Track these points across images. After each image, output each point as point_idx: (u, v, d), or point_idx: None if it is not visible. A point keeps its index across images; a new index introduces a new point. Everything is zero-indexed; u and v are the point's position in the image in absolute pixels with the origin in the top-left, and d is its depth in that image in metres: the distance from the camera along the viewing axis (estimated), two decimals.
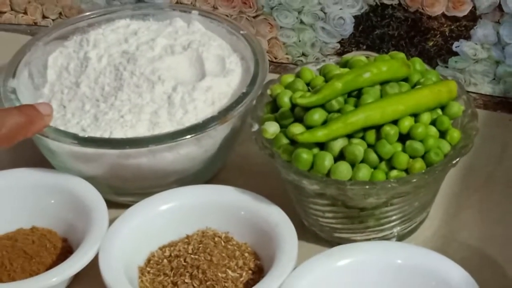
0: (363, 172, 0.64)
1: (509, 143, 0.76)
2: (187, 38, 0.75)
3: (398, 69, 0.67)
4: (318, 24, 0.81)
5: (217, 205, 0.69)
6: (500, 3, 0.75)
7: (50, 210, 0.71)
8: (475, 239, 0.69)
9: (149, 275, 0.66)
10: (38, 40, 0.76)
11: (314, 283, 0.63)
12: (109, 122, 0.69)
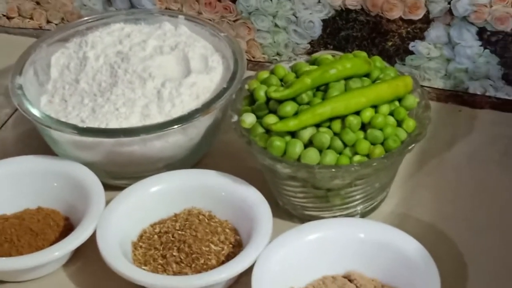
0: (329, 157, 0.63)
1: (458, 131, 0.76)
2: (175, 40, 0.75)
3: (360, 66, 0.67)
4: (290, 27, 0.81)
5: (201, 187, 0.69)
6: (451, 8, 0.75)
7: (53, 192, 0.70)
8: (428, 215, 0.69)
9: (141, 249, 0.66)
10: (42, 42, 0.76)
11: (287, 255, 0.62)
12: (105, 114, 0.69)
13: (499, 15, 0.74)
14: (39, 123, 0.69)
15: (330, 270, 0.63)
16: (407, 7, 0.76)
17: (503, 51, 0.76)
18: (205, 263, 0.64)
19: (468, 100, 0.79)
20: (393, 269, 0.62)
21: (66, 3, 0.87)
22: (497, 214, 0.69)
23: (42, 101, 0.72)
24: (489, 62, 0.77)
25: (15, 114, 0.80)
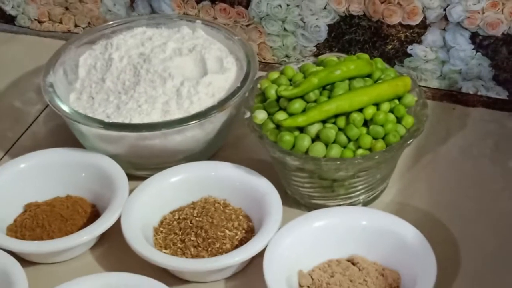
0: (335, 150, 0.63)
1: (452, 127, 0.76)
2: (192, 43, 0.75)
3: (363, 67, 0.67)
4: (298, 31, 0.81)
5: (217, 177, 0.69)
6: (446, 14, 0.75)
7: (81, 181, 0.70)
8: (425, 204, 0.69)
9: (162, 234, 0.66)
10: (71, 44, 0.76)
11: (295, 240, 0.62)
12: (129, 111, 0.69)
13: (490, 21, 0.74)
14: (68, 118, 0.69)
15: (335, 254, 0.63)
16: (406, 13, 0.76)
17: (494, 54, 0.76)
18: (220, 247, 0.64)
19: (461, 99, 0.79)
20: (393, 253, 0.62)
21: (93, 9, 0.87)
22: (487, 203, 0.69)
23: (71, 98, 0.72)
24: (480, 64, 0.77)
25: (46, 110, 0.80)
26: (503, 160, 0.73)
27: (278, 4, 0.79)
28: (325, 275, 0.62)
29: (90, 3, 0.86)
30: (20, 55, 0.87)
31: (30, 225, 0.67)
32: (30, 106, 0.81)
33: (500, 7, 0.73)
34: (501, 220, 0.67)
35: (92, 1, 0.86)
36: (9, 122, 0.80)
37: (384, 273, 0.62)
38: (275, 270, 0.60)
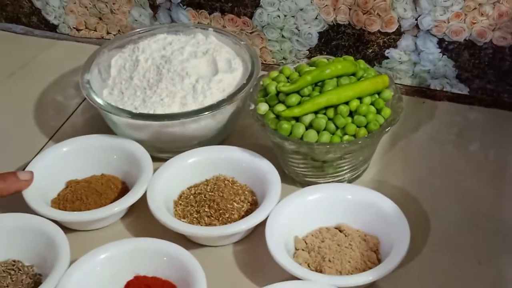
0: (325, 136, 0.63)
1: (422, 118, 0.76)
2: (205, 47, 0.74)
3: (348, 67, 0.67)
4: (294, 37, 0.81)
5: (226, 159, 0.69)
6: (417, 23, 0.75)
7: (113, 162, 0.70)
8: (400, 182, 0.69)
9: (181, 206, 0.66)
10: (104, 48, 0.76)
11: (292, 211, 0.63)
12: (153, 103, 0.69)
13: (454, 29, 0.74)
14: (102, 110, 0.69)
15: (325, 222, 0.64)
16: (384, 22, 0.76)
17: (457, 56, 0.76)
18: (229, 217, 0.64)
19: (430, 94, 0.79)
20: (373, 222, 0.63)
21: (122, 19, 0.87)
22: (451, 180, 0.69)
23: (104, 93, 0.72)
24: (446, 65, 0.77)
25: (83, 103, 0.80)
26: (465, 145, 0.73)
27: (277, 15, 0.79)
28: (317, 240, 0.62)
29: (120, 13, 0.86)
30: (61, 57, 0.87)
31: (70, 199, 0.67)
32: (70, 100, 0.81)
33: (463, 17, 0.73)
34: (463, 195, 0.67)
35: (121, 12, 0.86)
36: (52, 113, 0.80)
37: (366, 239, 0.62)
38: (275, 236, 0.60)
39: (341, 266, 0.59)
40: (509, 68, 0.75)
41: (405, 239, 0.59)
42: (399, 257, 0.58)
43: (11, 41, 0.91)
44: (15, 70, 0.86)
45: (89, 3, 0.87)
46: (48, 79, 0.84)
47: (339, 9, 0.77)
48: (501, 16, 0.72)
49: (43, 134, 0.77)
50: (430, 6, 0.73)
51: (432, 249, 0.63)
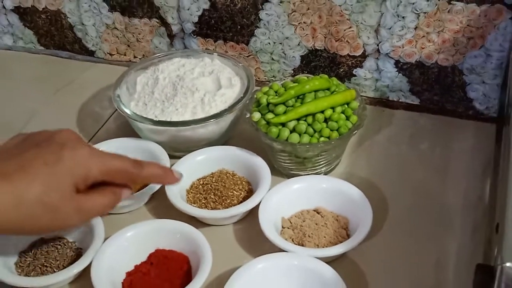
0: (305, 138, 0.64)
1: (382, 123, 0.76)
2: (211, 68, 0.74)
3: (324, 83, 0.67)
4: (281, 60, 0.81)
5: (228, 156, 0.68)
6: (378, 48, 0.75)
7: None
8: (364, 174, 0.69)
9: (192, 194, 0.66)
10: (131, 69, 0.76)
11: (279, 197, 0.63)
12: (169, 113, 0.69)
13: (407, 53, 0.74)
14: (130, 118, 0.69)
15: (306, 206, 0.64)
16: (352, 48, 0.76)
17: (410, 74, 0.76)
18: (230, 202, 0.64)
19: (389, 104, 0.79)
20: (344, 205, 0.63)
21: (145, 46, 0.87)
22: (406, 172, 0.69)
23: (131, 105, 0.72)
24: (401, 81, 0.77)
25: (115, 113, 0.80)
26: (416, 145, 0.73)
27: (267, 42, 0.79)
28: (299, 220, 0.62)
29: (144, 42, 0.87)
30: (98, 77, 0.87)
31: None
32: (105, 111, 0.81)
33: (414, 43, 0.73)
34: (415, 184, 0.67)
35: (145, 41, 0.86)
36: (91, 121, 0.80)
37: (338, 219, 0.62)
38: (266, 217, 0.60)
39: (318, 241, 0.60)
40: (451, 83, 0.75)
41: (369, 219, 0.59)
42: (364, 233, 0.58)
43: (58, 64, 0.91)
44: (61, 87, 0.86)
45: (119, 34, 0.87)
46: (87, 94, 0.84)
47: (317, 38, 0.77)
48: (444, 42, 0.72)
49: (83, 137, 0.76)
50: (388, 35, 0.73)
51: (390, 227, 0.63)
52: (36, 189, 0.46)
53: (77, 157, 0.48)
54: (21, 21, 0.92)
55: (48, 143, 0.49)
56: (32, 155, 0.47)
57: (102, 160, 0.51)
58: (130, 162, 0.54)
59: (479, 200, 0.65)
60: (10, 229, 0.47)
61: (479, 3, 0.68)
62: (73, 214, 0.49)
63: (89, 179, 0.49)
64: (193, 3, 0.80)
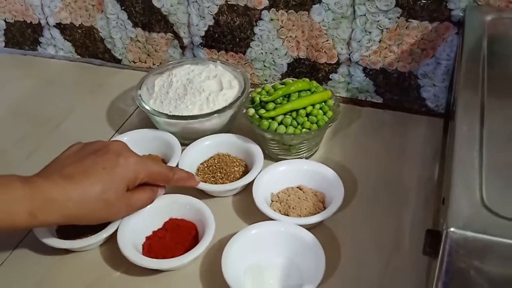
0: (290, 129, 0.63)
1: (353, 118, 0.76)
2: (215, 73, 0.74)
3: (306, 85, 0.67)
4: (272, 67, 0.80)
5: (228, 142, 0.68)
6: (350, 57, 0.75)
7: (157, 146, 0.69)
8: (338, 158, 0.69)
9: (201, 175, 0.65)
10: (150, 74, 0.75)
11: (269, 176, 0.63)
12: (181, 109, 0.69)
13: (373, 61, 0.74)
14: (149, 113, 0.69)
15: (290, 184, 0.64)
16: (329, 57, 0.76)
17: (375, 78, 0.76)
18: (234, 177, 0.64)
19: (358, 102, 0.79)
20: (321, 183, 0.63)
21: (162, 55, 0.86)
22: (372, 157, 0.69)
23: (150, 102, 0.71)
24: (368, 84, 0.77)
25: (137, 109, 0.80)
26: (380, 135, 0.73)
27: (260, 52, 0.79)
28: (285, 195, 0.62)
29: (161, 52, 0.86)
30: (123, 80, 0.86)
31: None
32: (129, 107, 0.81)
33: (379, 53, 0.73)
34: (378, 167, 0.67)
35: (161, 51, 0.86)
36: (117, 116, 0.79)
37: (316, 194, 0.62)
38: (259, 192, 0.60)
39: (300, 212, 0.60)
40: (408, 86, 0.75)
41: (341, 194, 0.59)
42: (336, 206, 0.58)
43: (91, 70, 0.91)
44: (93, 89, 0.86)
45: (141, 45, 0.86)
46: (114, 94, 0.83)
47: (300, 49, 0.77)
48: (403, 52, 0.72)
49: (111, 129, 0.77)
50: (357, 46, 0.73)
51: (358, 201, 0.63)
52: (97, 188, 0.49)
53: (129, 164, 0.52)
54: (61, 35, 0.91)
55: (104, 151, 0.52)
56: (92, 161, 0.51)
57: (147, 166, 0.54)
58: (166, 168, 0.58)
59: (429, 179, 0.65)
60: (75, 220, 0.50)
61: (431, 21, 0.68)
62: (124, 209, 0.53)
63: (137, 181, 0.53)
64: (201, 20, 0.80)
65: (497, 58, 0.54)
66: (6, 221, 0.45)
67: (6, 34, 0.95)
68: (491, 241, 0.37)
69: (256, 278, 0.53)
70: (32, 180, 0.47)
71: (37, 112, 0.80)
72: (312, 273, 0.51)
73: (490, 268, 0.37)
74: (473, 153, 0.43)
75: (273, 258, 0.54)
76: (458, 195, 0.39)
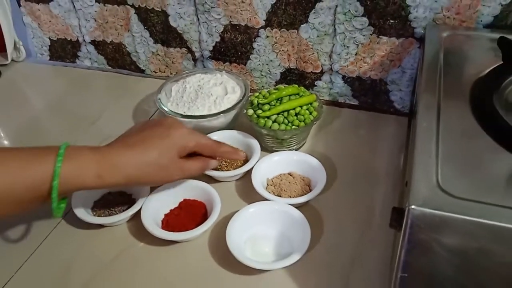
0: (282, 126, 0.63)
1: (335, 117, 0.75)
2: (221, 80, 0.73)
3: (295, 90, 0.66)
4: (267, 75, 0.80)
5: (231, 137, 0.67)
6: (331, 67, 0.74)
7: None
8: (322, 150, 0.68)
9: None
10: (168, 82, 0.75)
11: (265, 165, 0.62)
12: (193, 110, 0.68)
13: (351, 70, 0.74)
14: (167, 114, 0.68)
15: (282, 170, 0.63)
16: (314, 67, 0.75)
17: (352, 85, 0.76)
18: (236, 165, 0.64)
19: (338, 104, 0.78)
20: (308, 170, 0.62)
21: (178, 66, 0.86)
22: (349, 149, 0.68)
23: (168, 105, 0.71)
24: (346, 89, 0.76)
25: (157, 110, 0.79)
26: (357, 131, 0.72)
27: (258, 63, 0.79)
28: (278, 180, 0.62)
29: (176, 63, 0.86)
30: (146, 87, 0.85)
31: None
32: (151, 109, 0.80)
33: (355, 64, 0.73)
34: (355, 157, 0.67)
35: (177, 63, 0.85)
36: (142, 116, 0.79)
37: (304, 179, 0.62)
38: (257, 177, 0.60)
39: (290, 193, 0.60)
40: (379, 91, 0.75)
41: (323, 179, 0.59)
42: (320, 189, 0.58)
43: (120, 78, 0.90)
44: (122, 94, 0.85)
45: (161, 58, 0.86)
46: (139, 98, 0.83)
47: (291, 60, 0.76)
48: (375, 63, 0.72)
49: None
50: (337, 58, 0.73)
51: (338, 185, 0.63)
52: (153, 154, 0.49)
53: (179, 134, 0.51)
54: (95, 50, 0.91)
55: (159, 125, 0.52)
56: (148, 133, 0.50)
57: (195, 137, 0.53)
58: (213, 141, 0.56)
59: (396, 167, 0.65)
60: (134, 183, 0.49)
61: (398, 37, 0.68)
62: (177, 172, 0.51)
63: (187, 149, 0.52)
64: (209, 37, 0.79)
65: (451, 67, 0.54)
66: (79, 182, 0.45)
67: (50, 50, 0.94)
68: (445, 217, 0.37)
69: (254, 247, 0.53)
70: (99, 149, 0.48)
71: (76, 112, 0.80)
72: (299, 243, 0.51)
73: (444, 238, 0.37)
74: (431, 145, 0.43)
75: (268, 231, 0.55)
76: (418, 179, 0.39)
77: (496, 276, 0.37)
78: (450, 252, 0.37)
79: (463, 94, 0.49)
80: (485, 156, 0.41)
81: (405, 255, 0.38)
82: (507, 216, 0.36)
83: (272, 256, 0.52)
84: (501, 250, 0.36)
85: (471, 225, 0.36)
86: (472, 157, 0.41)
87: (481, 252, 0.36)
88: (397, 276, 0.39)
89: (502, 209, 0.36)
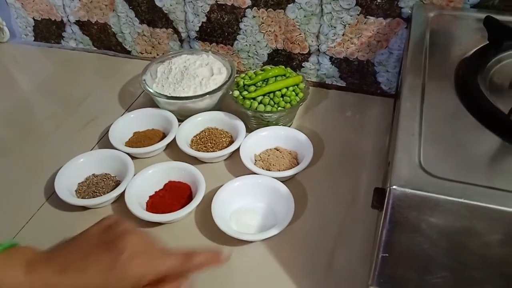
0: (268, 108, 0.62)
1: (322, 98, 0.74)
2: (207, 61, 0.72)
3: (282, 71, 0.65)
4: (255, 56, 0.78)
5: (216, 118, 0.66)
6: (319, 48, 0.73)
7: (158, 122, 0.68)
8: (310, 126, 0.67)
9: (194, 145, 0.64)
10: (153, 62, 0.73)
11: (252, 141, 0.62)
12: (179, 91, 0.67)
13: (338, 51, 0.72)
14: (152, 95, 0.67)
15: (269, 146, 0.63)
16: (301, 48, 0.74)
17: (339, 66, 0.74)
18: (222, 146, 0.63)
19: (325, 86, 0.77)
20: (295, 144, 0.62)
21: (164, 47, 0.84)
22: (336, 129, 0.67)
23: (153, 86, 0.69)
24: (333, 70, 0.75)
25: (143, 92, 0.78)
26: (343, 112, 0.71)
27: (245, 44, 0.77)
28: (265, 155, 0.61)
29: (163, 44, 0.84)
30: (133, 68, 0.84)
31: (135, 141, 0.64)
32: (136, 90, 0.79)
33: (342, 45, 0.71)
34: (342, 137, 0.66)
35: (163, 43, 0.83)
36: (128, 97, 0.77)
37: (291, 153, 0.61)
38: (244, 154, 0.60)
39: (279, 167, 0.59)
40: (366, 72, 0.73)
41: (310, 154, 0.59)
42: (306, 163, 0.58)
43: (106, 59, 0.88)
44: (108, 75, 0.83)
45: (147, 39, 0.84)
46: (125, 79, 0.81)
47: (278, 41, 0.75)
48: (362, 44, 0.70)
49: (122, 108, 0.75)
50: (325, 39, 0.71)
51: (324, 161, 0.62)
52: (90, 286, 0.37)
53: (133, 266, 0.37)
54: (80, 30, 0.88)
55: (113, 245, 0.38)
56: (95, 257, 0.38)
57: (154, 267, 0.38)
58: (179, 260, 0.39)
59: (382, 148, 0.64)
60: None
61: (385, 17, 0.66)
62: None
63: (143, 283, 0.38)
64: (195, 17, 0.77)
65: (437, 47, 0.52)
66: None
67: (34, 30, 0.92)
68: (426, 197, 0.36)
69: (240, 220, 0.53)
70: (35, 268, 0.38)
71: (63, 94, 0.79)
72: (283, 216, 0.51)
73: (424, 217, 0.37)
74: (414, 125, 0.42)
75: (253, 204, 0.55)
76: (400, 159, 0.38)
77: (477, 255, 0.37)
78: (432, 232, 0.37)
79: (448, 75, 0.48)
80: (469, 137, 0.41)
81: (386, 235, 0.38)
82: (488, 196, 0.35)
83: (258, 228, 0.52)
84: (482, 230, 0.35)
85: (452, 205, 0.35)
86: (456, 137, 0.41)
87: (462, 232, 0.36)
88: (379, 256, 0.39)
89: (484, 189, 0.36)
